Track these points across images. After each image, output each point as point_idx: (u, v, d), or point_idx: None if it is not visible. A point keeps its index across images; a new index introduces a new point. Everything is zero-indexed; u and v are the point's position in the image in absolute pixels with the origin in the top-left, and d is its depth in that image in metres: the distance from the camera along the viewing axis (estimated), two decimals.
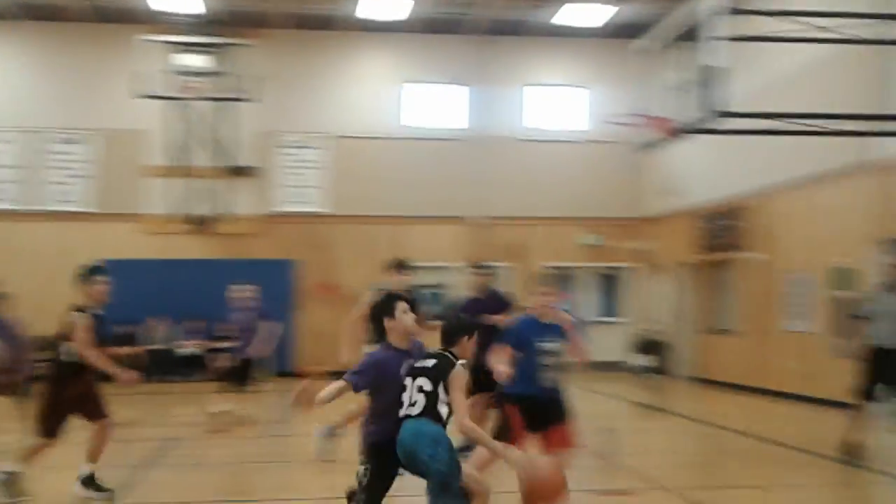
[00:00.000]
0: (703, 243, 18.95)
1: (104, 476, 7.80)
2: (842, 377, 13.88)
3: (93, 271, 7.99)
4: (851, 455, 9.33)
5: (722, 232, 18.18)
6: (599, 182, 20.58)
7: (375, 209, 21.10)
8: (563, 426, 6.89)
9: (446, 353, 5.60)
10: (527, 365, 6.86)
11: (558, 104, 22.10)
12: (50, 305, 10.81)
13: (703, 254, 18.99)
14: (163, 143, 20.48)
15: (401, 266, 9.25)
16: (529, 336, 6.91)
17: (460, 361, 5.55)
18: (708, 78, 9.47)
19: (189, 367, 19.74)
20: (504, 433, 6.88)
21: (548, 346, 6.89)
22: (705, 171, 18.80)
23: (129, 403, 12.23)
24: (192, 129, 20.50)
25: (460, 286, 21.57)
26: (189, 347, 19.64)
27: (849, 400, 9.82)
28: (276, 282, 20.43)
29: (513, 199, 21.50)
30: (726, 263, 18.19)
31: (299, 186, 21.18)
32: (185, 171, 20.53)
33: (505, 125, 21.67)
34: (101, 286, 7.88)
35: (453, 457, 5.33)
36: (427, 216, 21.32)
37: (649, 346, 18.52)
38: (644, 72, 11.79)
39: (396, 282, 8.91)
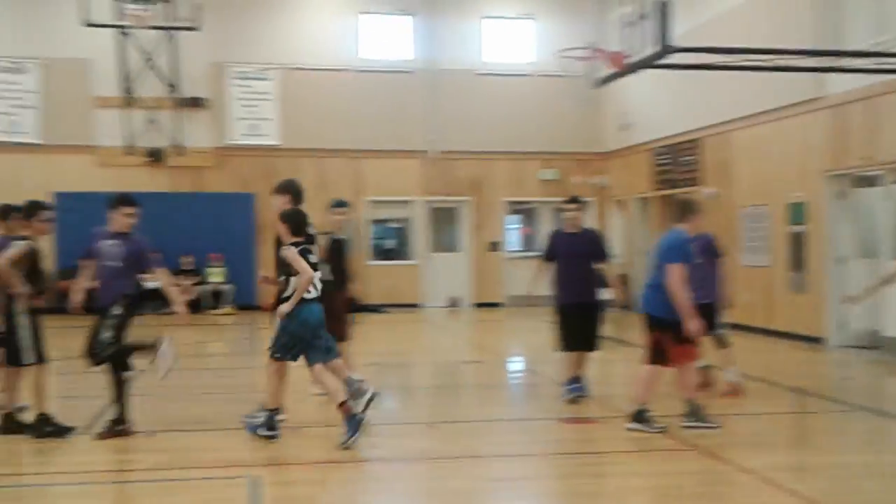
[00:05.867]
0: (659, 178, 19.02)
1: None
2: (797, 310, 14.23)
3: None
4: None
5: (678, 167, 18.25)
6: (557, 117, 20.46)
7: (330, 143, 20.80)
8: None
9: None
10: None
11: (513, 37, 21.85)
12: None
13: (660, 188, 19.07)
14: (111, 74, 19.91)
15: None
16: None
17: None
18: (659, 11, 9.31)
19: (153, 301, 19.42)
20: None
21: None
22: (663, 106, 18.75)
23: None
24: (140, 59, 19.95)
25: (417, 220, 21.61)
26: (151, 282, 19.28)
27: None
28: (233, 215, 20.25)
29: (471, 134, 21.33)
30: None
31: (253, 119, 20.78)
32: (136, 103, 20.01)
33: (461, 58, 21.41)
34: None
35: None
36: (383, 150, 21.11)
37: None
38: (597, 4, 11.63)
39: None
